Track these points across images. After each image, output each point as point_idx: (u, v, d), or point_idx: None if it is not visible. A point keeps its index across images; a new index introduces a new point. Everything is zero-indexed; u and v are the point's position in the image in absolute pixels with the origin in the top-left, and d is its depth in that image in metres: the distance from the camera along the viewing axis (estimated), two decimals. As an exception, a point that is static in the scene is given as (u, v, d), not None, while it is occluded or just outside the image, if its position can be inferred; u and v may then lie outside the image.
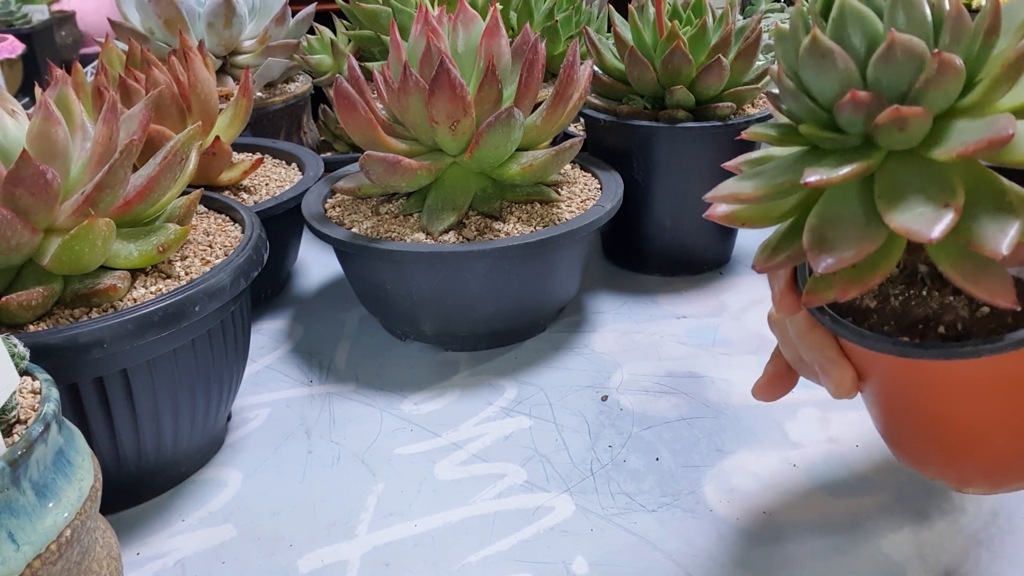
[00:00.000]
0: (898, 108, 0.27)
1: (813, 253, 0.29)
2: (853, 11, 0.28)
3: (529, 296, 0.57)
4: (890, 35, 0.27)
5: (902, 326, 0.31)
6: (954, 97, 0.28)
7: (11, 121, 0.41)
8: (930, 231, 0.26)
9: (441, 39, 0.54)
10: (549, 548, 0.42)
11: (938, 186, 0.27)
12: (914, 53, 0.27)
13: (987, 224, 0.27)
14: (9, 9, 1.28)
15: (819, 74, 0.29)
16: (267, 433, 0.52)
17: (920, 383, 0.32)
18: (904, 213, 0.27)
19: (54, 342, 0.38)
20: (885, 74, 0.28)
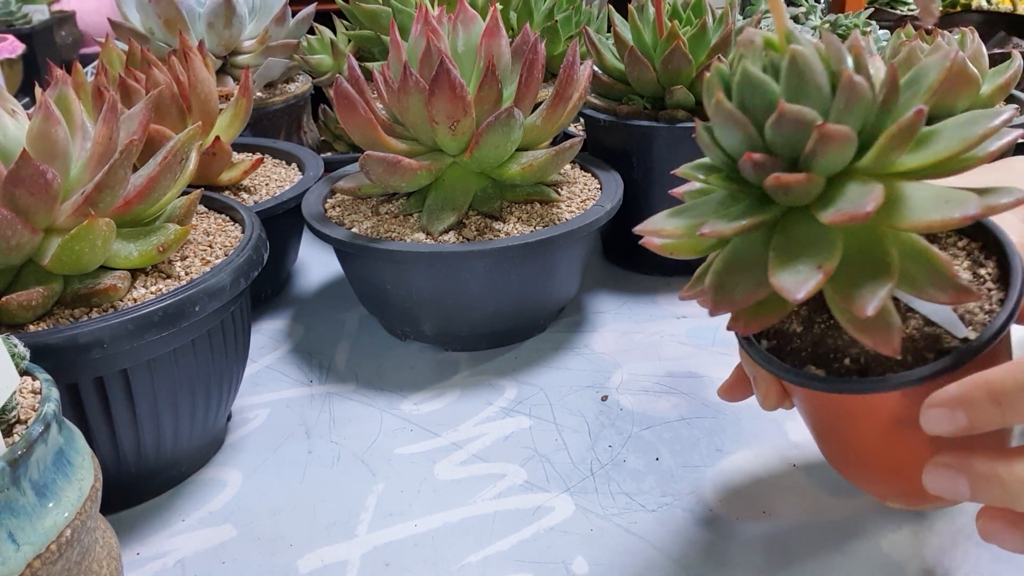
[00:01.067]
0: (778, 176, 0.29)
1: (710, 296, 0.32)
2: (752, 79, 0.30)
3: (529, 296, 0.57)
4: (780, 105, 0.29)
5: (817, 353, 0.33)
6: (846, 161, 0.30)
7: (11, 121, 0.41)
8: (796, 292, 0.28)
9: (441, 39, 0.54)
10: (549, 548, 0.42)
11: (819, 247, 0.30)
12: (802, 122, 0.29)
13: (861, 286, 0.29)
14: (9, 9, 1.28)
15: (725, 132, 0.31)
16: (267, 433, 0.52)
17: (823, 406, 0.35)
18: (783, 270, 0.30)
19: (54, 342, 0.38)
20: (778, 139, 0.30)
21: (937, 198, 0.29)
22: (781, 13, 0.32)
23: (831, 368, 0.33)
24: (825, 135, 0.28)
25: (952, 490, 0.29)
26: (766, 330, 0.35)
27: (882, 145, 0.29)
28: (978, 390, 0.28)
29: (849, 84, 0.29)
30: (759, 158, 0.30)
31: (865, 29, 0.97)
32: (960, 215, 0.27)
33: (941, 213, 0.28)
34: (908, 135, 0.29)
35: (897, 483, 0.35)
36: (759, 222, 0.31)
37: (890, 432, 0.33)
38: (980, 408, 0.28)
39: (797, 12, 1.00)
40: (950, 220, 0.28)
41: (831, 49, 0.30)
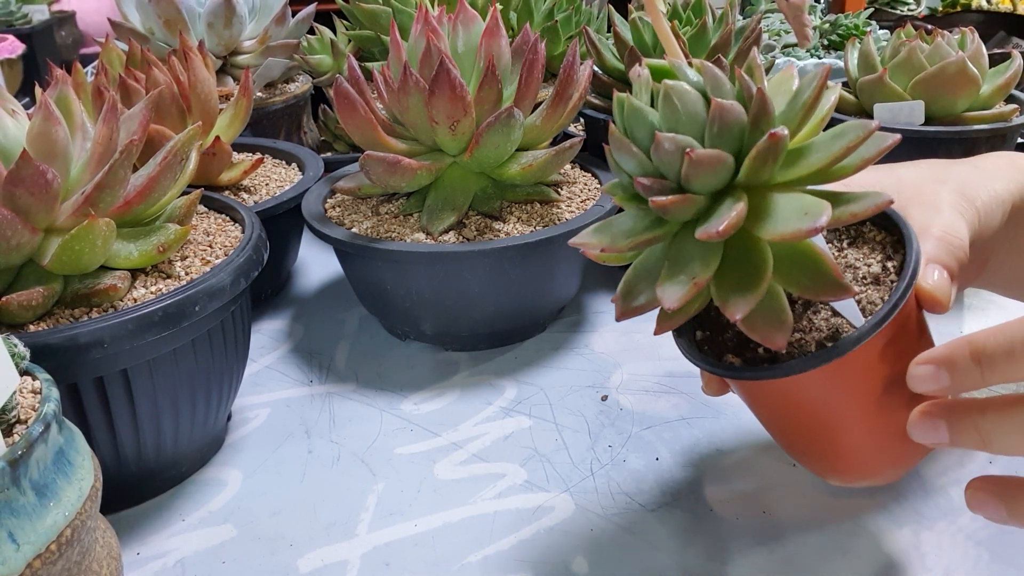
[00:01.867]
0: (654, 200, 0.32)
1: (618, 303, 0.36)
2: (634, 110, 0.33)
3: (529, 296, 0.57)
4: (656, 136, 0.32)
5: (739, 343, 0.36)
6: (723, 180, 0.33)
7: (11, 121, 0.41)
8: (670, 302, 0.32)
9: (441, 39, 0.54)
10: (549, 548, 0.42)
11: (700, 259, 0.33)
12: (676, 148, 0.32)
13: (735, 292, 0.32)
14: (9, 9, 1.28)
15: (621, 158, 0.34)
16: (267, 433, 0.52)
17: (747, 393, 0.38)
18: (666, 281, 0.33)
19: (54, 342, 0.38)
20: (661, 163, 0.33)
21: (798, 210, 0.31)
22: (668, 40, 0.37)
23: (746, 357, 0.35)
24: (695, 160, 0.31)
25: (934, 436, 0.31)
26: (702, 323, 0.38)
27: (747, 166, 0.32)
28: (961, 350, 0.30)
29: (718, 111, 0.32)
30: (647, 182, 0.33)
31: (865, 29, 0.97)
32: (808, 227, 0.30)
33: (794, 225, 0.30)
34: (769, 156, 0.32)
35: (822, 460, 0.38)
36: (651, 238, 0.34)
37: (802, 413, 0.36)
38: (962, 367, 0.30)
39: (797, 12, 1.00)
40: (798, 232, 0.30)
41: (708, 78, 0.33)
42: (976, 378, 0.29)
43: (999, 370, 0.29)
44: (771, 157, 0.32)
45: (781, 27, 0.95)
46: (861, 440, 0.36)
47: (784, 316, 0.33)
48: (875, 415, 0.35)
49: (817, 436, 0.36)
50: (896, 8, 1.39)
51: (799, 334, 0.34)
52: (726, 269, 0.33)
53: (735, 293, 0.32)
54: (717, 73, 0.33)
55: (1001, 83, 0.65)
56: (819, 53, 0.94)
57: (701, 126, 0.32)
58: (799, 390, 0.35)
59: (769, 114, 0.32)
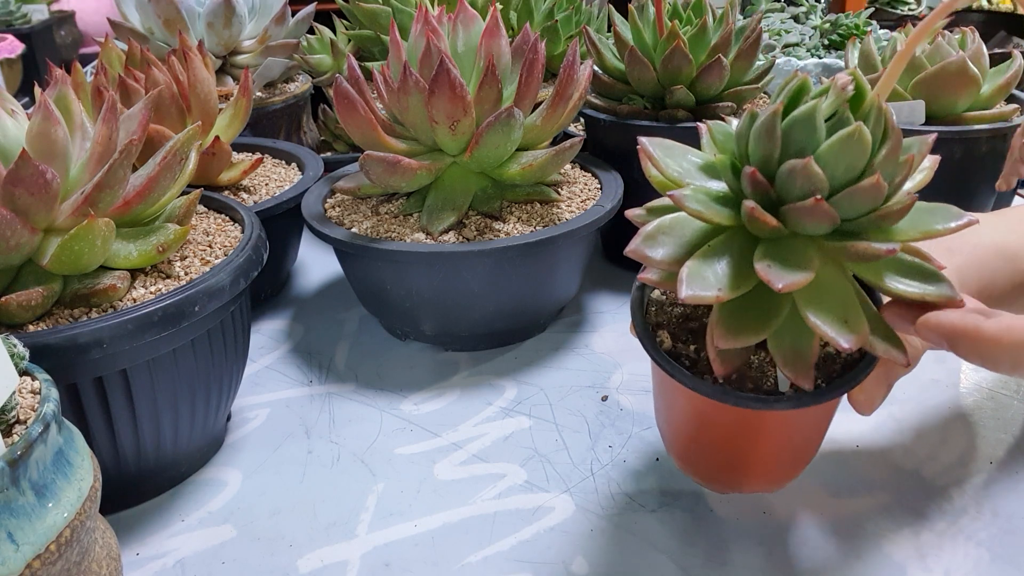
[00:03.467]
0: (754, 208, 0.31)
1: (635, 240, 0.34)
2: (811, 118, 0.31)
3: (529, 296, 0.57)
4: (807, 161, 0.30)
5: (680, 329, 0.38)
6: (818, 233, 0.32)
7: (11, 121, 0.41)
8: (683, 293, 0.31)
9: (441, 39, 0.54)
10: (549, 548, 0.42)
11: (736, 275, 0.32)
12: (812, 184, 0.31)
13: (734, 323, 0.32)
14: (9, 9, 1.28)
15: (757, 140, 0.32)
16: (267, 433, 0.52)
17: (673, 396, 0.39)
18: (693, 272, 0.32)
19: (54, 342, 0.38)
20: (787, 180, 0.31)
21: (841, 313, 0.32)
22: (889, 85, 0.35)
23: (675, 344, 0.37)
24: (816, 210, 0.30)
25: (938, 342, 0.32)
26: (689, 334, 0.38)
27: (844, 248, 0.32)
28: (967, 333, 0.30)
29: (870, 186, 0.30)
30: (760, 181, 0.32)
31: (865, 29, 0.97)
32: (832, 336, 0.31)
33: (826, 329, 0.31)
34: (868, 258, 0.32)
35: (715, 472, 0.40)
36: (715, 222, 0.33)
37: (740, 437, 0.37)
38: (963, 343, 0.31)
39: (797, 12, 1.00)
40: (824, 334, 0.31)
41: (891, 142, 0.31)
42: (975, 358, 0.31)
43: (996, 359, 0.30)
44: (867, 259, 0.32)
45: (781, 27, 0.95)
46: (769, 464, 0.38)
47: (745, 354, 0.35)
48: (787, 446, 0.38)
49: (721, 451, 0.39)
50: (896, 8, 1.39)
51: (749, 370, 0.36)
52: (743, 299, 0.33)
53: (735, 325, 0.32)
54: (898, 143, 0.32)
55: (1001, 83, 0.65)
56: (819, 53, 0.94)
57: (847, 180, 0.31)
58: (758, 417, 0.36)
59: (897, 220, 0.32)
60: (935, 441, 0.48)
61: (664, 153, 0.36)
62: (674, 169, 0.35)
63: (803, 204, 0.30)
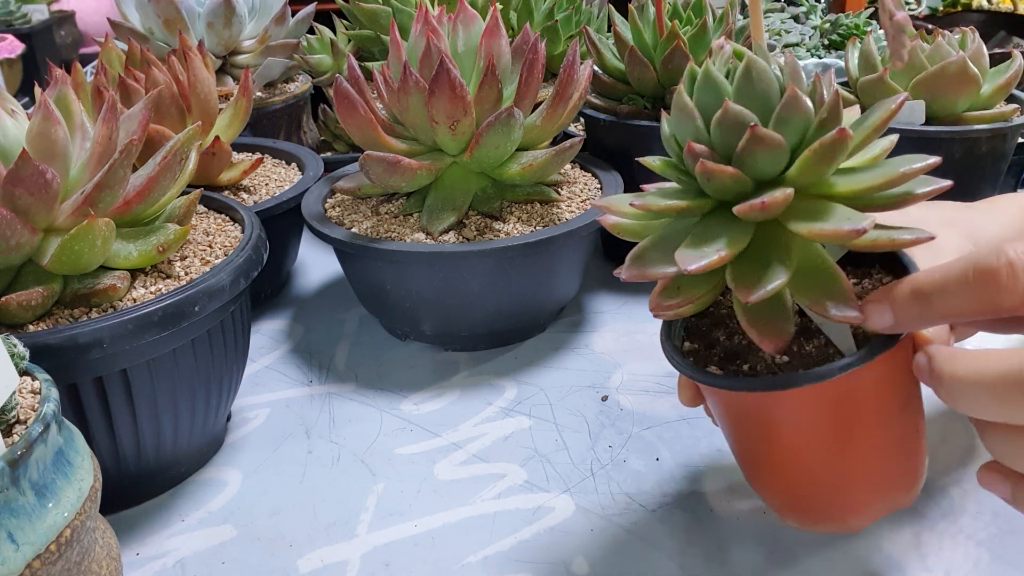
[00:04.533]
0: (704, 163, 0.31)
1: (626, 264, 0.35)
2: (710, 78, 0.33)
3: (529, 296, 0.57)
4: (725, 103, 0.31)
5: (725, 359, 0.35)
6: (776, 168, 0.32)
7: (11, 121, 0.41)
8: (688, 264, 0.31)
9: (441, 39, 0.54)
10: (549, 548, 0.42)
11: (728, 237, 0.32)
12: (741, 121, 0.31)
13: (755, 278, 0.31)
14: (9, 9, 1.28)
15: (679, 124, 0.34)
16: (267, 433, 0.52)
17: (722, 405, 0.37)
18: (689, 249, 0.32)
19: (54, 342, 0.38)
20: (720, 136, 0.32)
21: (840, 215, 0.31)
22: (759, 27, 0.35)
23: (728, 371, 0.35)
24: (756, 136, 0.31)
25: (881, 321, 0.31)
26: (692, 334, 0.38)
27: (805, 159, 0.31)
28: (903, 287, 0.31)
29: (792, 98, 0.31)
30: (699, 148, 0.32)
31: (865, 29, 0.97)
32: (849, 228, 0.29)
33: (834, 225, 0.30)
34: (829, 153, 0.31)
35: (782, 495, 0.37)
36: (685, 207, 0.33)
37: (770, 437, 0.35)
38: (902, 303, 0.30)
39: (797, 12, 1.00)
40: (838, 232, 0.30)
41: (789, 68, 0.33)
42: (915, 313, 0.30)
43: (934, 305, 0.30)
44: (831, 155, 0.31)
45: (781, 27, 0.95)
46: (823, 479, 0.34)
47: (785, 323, 0.32)
48: (842, 455, 0.34)
49: (780, 466, 0.35)
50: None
51: (787, 357, 0.34)
52: (749, 254, 0.32)
53: (752, 278, 0.31)
54: (798, 66, 0.33)
55: (1002, 83, 0.65)
56: (819, 53, 0.94)
57: (769, 110, 0.32)
58: (772, 409, 0.34)
59: (838, 118, 0.32)
60: (935, 441, 0.48)
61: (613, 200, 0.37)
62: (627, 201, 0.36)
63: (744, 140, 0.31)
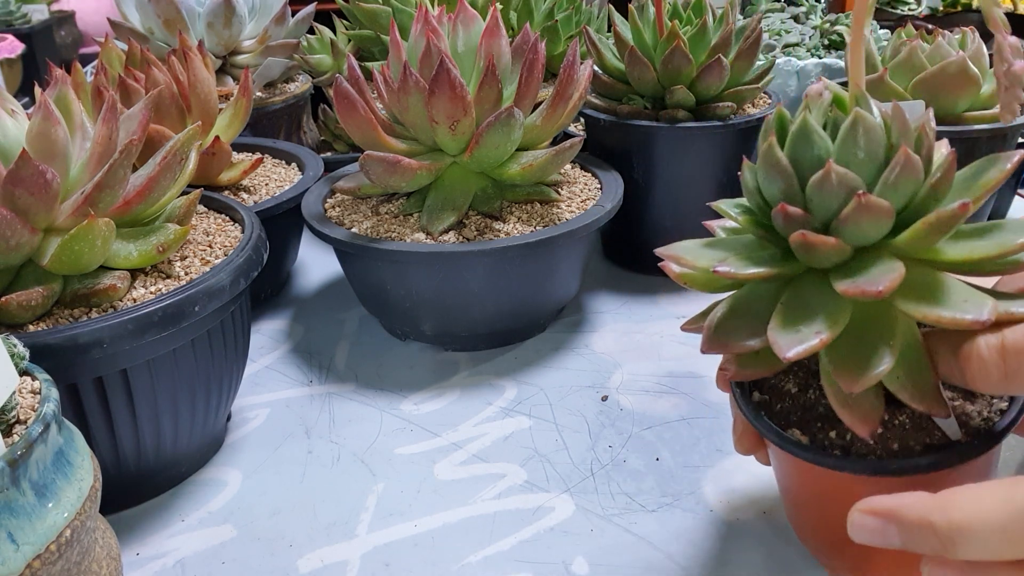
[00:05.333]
0: (804, 233, 0.29)
1: (705, 334, 0.33)
2: (809, 132, 0.30)
3: (529, 296, 0.57)
4: (828, 164, 0.28)
5: (805, 418, 0.33)
6: (879, 235, 0.30)
7: (11, 121, 0.41)
8: (787, 350, 0.28)
9: (441, 39, 0.54)
10: (549, 548, 0.42)
11: (826, 314, 0.29)
12: (846, 185, 0.29)
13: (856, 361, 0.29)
14: (9, 9, 1.28)
15: (768, 179, 0.31)
16: (267, 433, 0.52)
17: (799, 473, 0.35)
18: (783, 327, 0.29)
19: (54, 342, 0.38)
20: (818, 198, 0.29)
21: (956, 295, 0.28)
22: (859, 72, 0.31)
23: (815, 436, 0.33)
24: (864, 205, 0.28)
25: (881, 538, 0.28)
26: (760, 384, 0.36)
27: (918, 230, 0.29)
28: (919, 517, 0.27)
29: (903, 160, 0.28)
30: (793, 212, 0.30)
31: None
32: (972, 318, 0.27)
33: (954, 311, 0.27)
34: (947, 226, 0.28)
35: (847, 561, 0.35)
36: (775, 274, 0.31)
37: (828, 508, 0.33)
38: (916, 534, 0.27)
39: (797, 12, 1.00)
40: (961, 321, 0.27)
41: (896, 121, 0.30)
42: (934, 546, 0.26)
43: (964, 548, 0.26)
44: (948, 227, 0.28)
45: (781, 27, 0.95)
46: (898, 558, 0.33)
47: (878, 402, 0.30)
48: None
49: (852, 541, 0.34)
50: (897, 8, 1.39)
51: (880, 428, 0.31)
52: (849, 333, 0.29)
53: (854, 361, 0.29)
54: (904, 118, 0.30)
55: (1001, 83, 0.65)
56: (819, 53, 0.94)
57: (876, 171, 0.29)
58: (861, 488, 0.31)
59: (950, 181, 0.29)
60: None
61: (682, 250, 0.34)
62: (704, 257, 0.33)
63: (849, 208, 0.28)
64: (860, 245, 0.30)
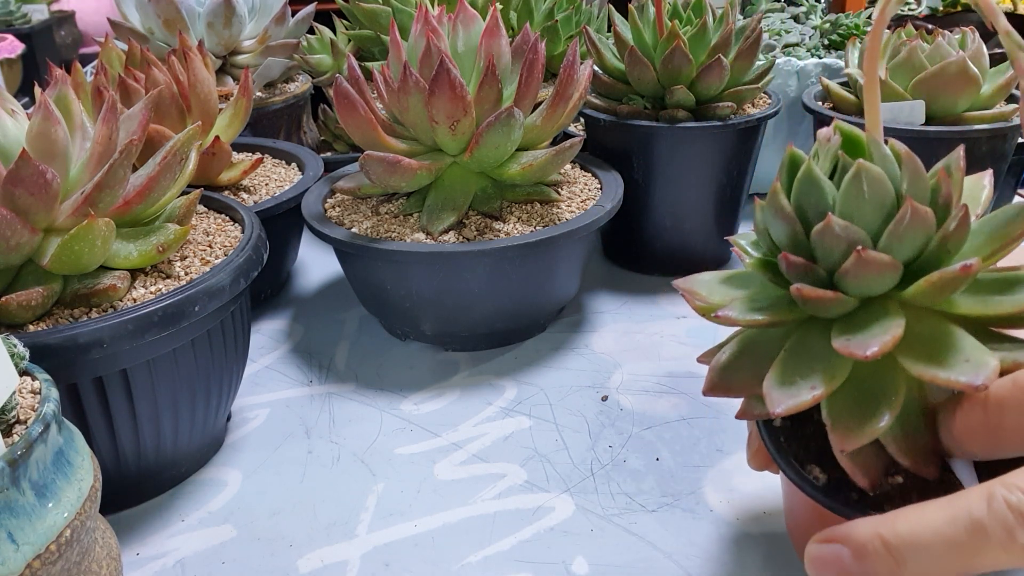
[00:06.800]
0: (800, 288, 0.29)
1: (709, 375, 0.33)
2: (812, 180, 0.29)
3: (529, 296, 0.57)
4: (827, 218, 0.28)
5: (823, 450, 0.32)
6: (885, 288, 0.29)
7: (11, 121, 0.41)
8: (776, 407, 0.28)
9: (441, 39, 0.54)
10: (549, 548, 0.42)
11: (824, 367, 0.29)
12: (848, 239, 0.28)
13: (852, 416, 0.28)
14: (9, 9, 1.28)
15: (775, 224, 0.31)
16: (267, 433, 0.52)
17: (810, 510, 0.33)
18: (779, 381, 0.29)
19: (54, 342, 0.38)
20: (821, 248, 0.29)
21: (958, 354, 0.27)
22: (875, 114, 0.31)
23: (832, 473, 0.32)
24: (864, 260, 0.28)
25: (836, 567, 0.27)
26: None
27: (920, 288, 0.28)
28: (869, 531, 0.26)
29: (908, 215, 0.27)
30: (795, 261, 0.29)
31: (866, 29, 0.97)
32: (966, 380, 0.26)
33: (949, 372, 0.27)
34: (950, 286, 0.28)
35: None
36: (775, 321, 0.31)
37: None
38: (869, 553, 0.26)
39: (797, 12, 1.00)
40: (955, 383, 0.26)
41: (907, 170, 0.29)
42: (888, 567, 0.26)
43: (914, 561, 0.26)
44: (954, 287, 0.28)
45: (781, 27, 0.95)
46: None
47: (880, 455, 0.30)
48: None
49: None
50: (896, 8, 1.39)
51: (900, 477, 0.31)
52: (849, 386, 0.29)
53: (851, 418, 0.28)
54: (919, 167, 0.29)
55: (1002, 83, 0.65)
56: (819, 53, 0.94)
57: (882, 222, 0.29)
58: None
59: (962, 238, 0.28)
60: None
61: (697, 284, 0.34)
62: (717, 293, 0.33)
63: (849, 262, 0.28)
64: (865, 296, 0.30)
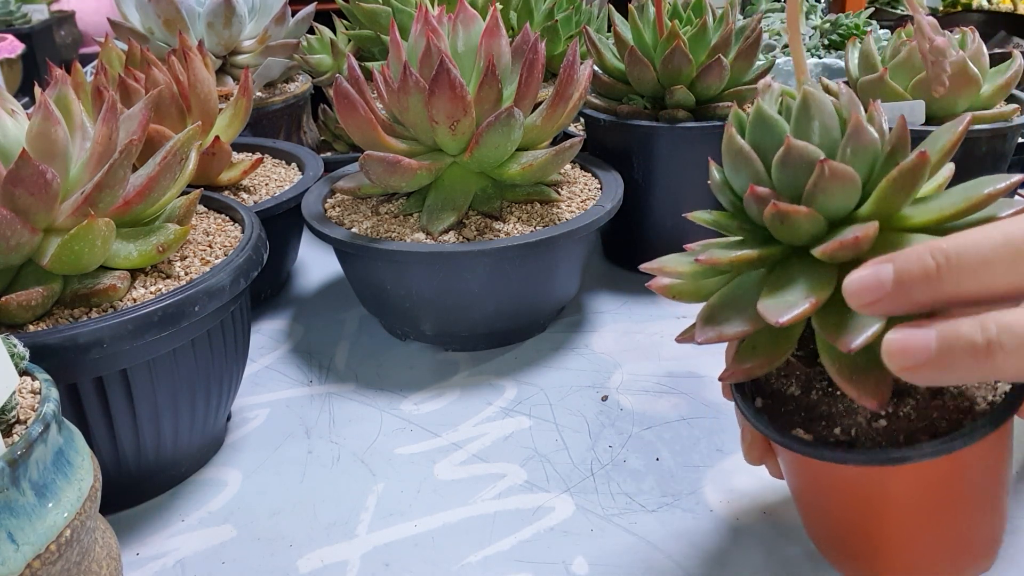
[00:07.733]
0: (776, 204, 0.30)
1: (698, 325, 0.33)
2: (764, 117, 0.31)
3: (529, 296, 0.57)
4: (787, 140, 0.30)
5: (809, 418, 0.33)
6: (848, 204, 0.30)
7: (11, 121, 0.41)
8: (779, 316, 0.28)
9: (441, 39, 0.54)
10: (549, 548, 0.42)
11: (812, 281, 0.30)
12: (807, 158, 0.30)
13: (849, 322, 0.28)
14: (9, 9, 1.28)
15: (735, 170, 0.32)
16: (267, 433, 0.52)
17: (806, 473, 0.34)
18: (771, 300, 0.29)
19: (54, 342, 0.38)
20: (784, 176, 0.30)
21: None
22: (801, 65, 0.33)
23: (819, 434, 0.32)
24: (829, 172, 0.29)
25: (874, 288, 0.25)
26: (762, 389, 0.36)
27: (883, 189, 0.29)
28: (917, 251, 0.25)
29: (857, 128, 0.29)
30: (762, 191, 0.30)
31: (865, 29, 0.97)
32: None
33: None
34: (909, 180, 0.29)
35: (870, 566, 0.35)
36: (757, 256, 0.32)
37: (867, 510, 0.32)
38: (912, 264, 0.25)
39: (797, 12, 0.99)
40: None
41: (845, 98, 0.31)
42: (931, 280, 0.25)
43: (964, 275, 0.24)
44: (912, 182, 0.29)
45: (781, 27, 0.95)
46: (914, 549, 0.33)
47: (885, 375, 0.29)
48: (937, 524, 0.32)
49: (865, 533, 0.33)
50: (897, 8, 1.39)
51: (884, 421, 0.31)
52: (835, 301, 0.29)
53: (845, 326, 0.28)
54: (854, 96, 0.31)
55: (1002, 83, 0.65)
56: (819, 53, 0.94)
57: (833, 144, 0.30)
58: (876, 480, 0.31)
59: (906, 148, 0.30)
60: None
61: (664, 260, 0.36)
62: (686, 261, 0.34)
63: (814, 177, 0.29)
64: (832, 216, 0.31)
